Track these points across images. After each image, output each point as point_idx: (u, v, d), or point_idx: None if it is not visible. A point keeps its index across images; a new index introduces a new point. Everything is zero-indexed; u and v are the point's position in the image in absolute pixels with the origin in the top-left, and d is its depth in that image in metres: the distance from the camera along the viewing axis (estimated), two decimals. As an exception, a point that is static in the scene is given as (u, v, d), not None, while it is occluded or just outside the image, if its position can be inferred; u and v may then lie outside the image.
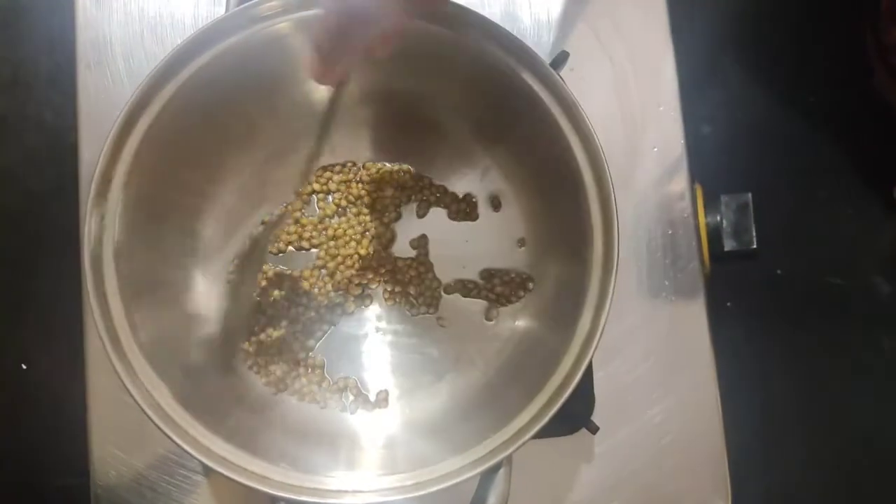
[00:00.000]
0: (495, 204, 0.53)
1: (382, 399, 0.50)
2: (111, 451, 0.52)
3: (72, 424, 0.52)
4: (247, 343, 0.50)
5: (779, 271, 0.74)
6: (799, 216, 0.75)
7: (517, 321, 0.51)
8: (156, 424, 0.41)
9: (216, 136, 0.48)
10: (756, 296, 0.74)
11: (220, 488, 0.52)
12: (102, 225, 0.42)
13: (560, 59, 0.54)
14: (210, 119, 0.47)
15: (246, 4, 0.43)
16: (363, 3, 0.39)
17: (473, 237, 0.53)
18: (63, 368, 0.55)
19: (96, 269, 0.42)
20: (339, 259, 0.52)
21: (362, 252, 0.52)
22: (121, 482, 0.52)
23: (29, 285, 0.75)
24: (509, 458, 0.41)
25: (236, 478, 0.41)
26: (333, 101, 0.51)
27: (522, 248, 0.52)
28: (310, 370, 0.51)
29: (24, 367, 0.73)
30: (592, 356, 0.42)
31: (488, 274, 0.52)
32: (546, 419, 0.41)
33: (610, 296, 0.42)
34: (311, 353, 0.51)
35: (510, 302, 0.51)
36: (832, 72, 0.78)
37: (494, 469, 0.41)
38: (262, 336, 0.51)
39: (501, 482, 0.41)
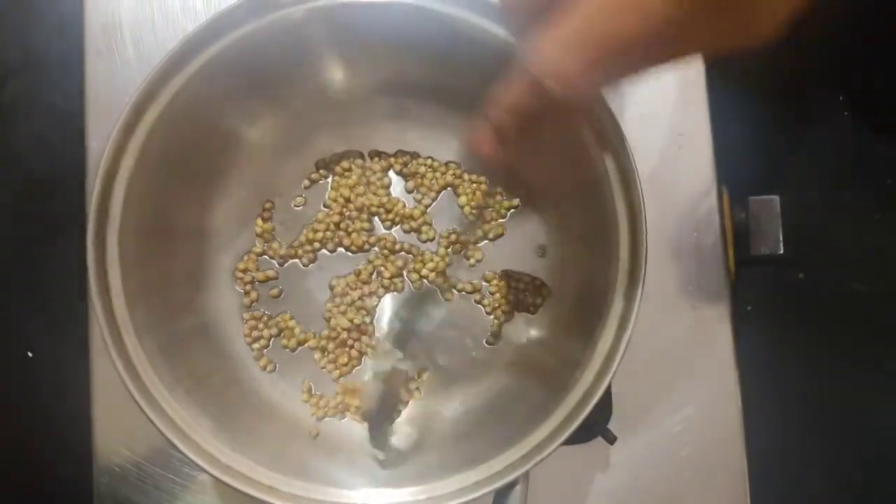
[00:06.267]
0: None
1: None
2: (114, 447, 0.51)
3: (77, 413, 0.51)
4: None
5: (801, 275, 0.72)
6: (823, 219, 0.73)
7: (534, 328, 0.50)
8: (157, 428, 0.40)
9: (226, 129, 0.47)
10: (776, 300, 0.72)
11: (225, 489, 0.51)
12: (106, 223, 0.41)
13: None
14: (219, 112, 0.45)
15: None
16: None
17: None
18: (69, 356, 0.54)
19: (100, 269, 0.41)
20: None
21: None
22: (124, 478, 0.51)
23: (36, 272, 0.74)
24: (526, 475, 0.40)
25: (242, 488, 0.39)
26: (349, 94, 0.49)
27: (543, 258, 0.50)
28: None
29: (30, 354, 0.73)
30: (616, 370, 0.40)
31: (506, 275, 0.50)
32: (565, 435, 0.39)
33: (636, 306, 0.40)
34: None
35: (528, 311, 0.50)
36: (865, 72, 0.75)
37: (511, 485, 0.39)
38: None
39: (517, 499, 0.39)
